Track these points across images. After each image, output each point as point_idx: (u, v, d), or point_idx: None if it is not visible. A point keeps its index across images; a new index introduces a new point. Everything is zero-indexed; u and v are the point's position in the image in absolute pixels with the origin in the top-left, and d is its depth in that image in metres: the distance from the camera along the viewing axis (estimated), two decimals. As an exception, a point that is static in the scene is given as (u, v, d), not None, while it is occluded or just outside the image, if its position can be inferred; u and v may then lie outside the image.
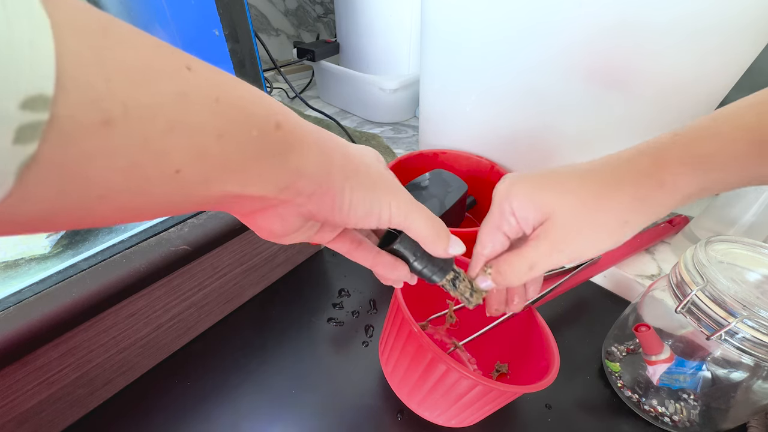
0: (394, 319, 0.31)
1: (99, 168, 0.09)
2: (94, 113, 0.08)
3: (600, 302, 0.47)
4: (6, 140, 0.07)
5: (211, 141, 0.11)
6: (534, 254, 0.21)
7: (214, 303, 0.40)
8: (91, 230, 0.34)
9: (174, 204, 0.11)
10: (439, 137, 0.60)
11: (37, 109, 0.07)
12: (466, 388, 0.27)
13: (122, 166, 0.09)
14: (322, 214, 0.16)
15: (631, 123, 0.41)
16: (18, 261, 0.31)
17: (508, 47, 0.43)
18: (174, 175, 0.10)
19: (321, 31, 1.14)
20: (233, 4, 0.38)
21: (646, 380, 0.34)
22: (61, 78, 0.08)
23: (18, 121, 0.07)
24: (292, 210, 0.15)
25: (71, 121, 0.08)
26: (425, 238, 0.19)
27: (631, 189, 0.19)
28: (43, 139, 0.08)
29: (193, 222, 0.35)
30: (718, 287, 0.27)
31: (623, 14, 0.35)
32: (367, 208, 0.17)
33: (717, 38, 0.33)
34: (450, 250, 0.20)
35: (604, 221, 0.20)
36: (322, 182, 0.15)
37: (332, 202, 0.16)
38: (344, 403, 0.35)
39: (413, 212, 0.18)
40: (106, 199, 0.09)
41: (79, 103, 0.08)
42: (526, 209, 0.21)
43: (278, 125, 0.13)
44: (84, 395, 0.32)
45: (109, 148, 0.09)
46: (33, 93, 0.07)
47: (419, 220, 0.19)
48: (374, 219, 0.17)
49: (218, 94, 0.11)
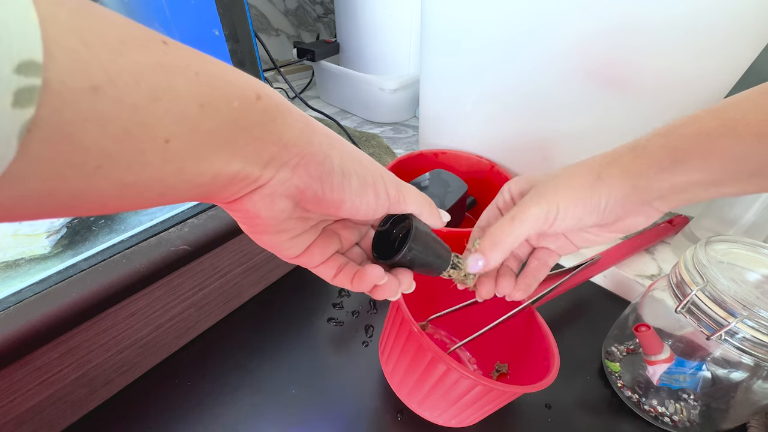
0: (394, 319, 0.31)
1: (94, 132, 0.09)
2: (81, 78, 0.09)
3: (600, 302, 0.47)
4: (5, 102, 0.08)
5: (194, 110, 0.11)
6: (515, 208, 0.22)
7: (214, 303, 0.40)
8: (91, 230, 0.34)
9: (169, 180, 0.12)
10: (439, 137, 0.60)
11: (31, 74, 0.08)
12: (466, 388, 0.27)
13: (114, 132, 0.10)
14: (312, 190, 0.15)
15: (631, 123, 0.41)
16: (18, 261, 0.31)
17: (508, 47, 0.43)
18: (164, 144, 0.11)
19: (321, 31, 1.14)
20: (233, 4, 0.38)
21: (646, 380, 0.34)
22: (48, 45, 0.08)
23: (15, 85, 0.08)
24: (279, 187, 0.15)
25: (62, 86, 0.09)
26: (422, 207, 0.20)
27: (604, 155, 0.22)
28: (40, 103, 0.08)
29: (193, 222, 0.35)
30: (718, 287, 0.27)
31: (623, 14, 0.35)
32: (362, 179, 0.17)
33: (717, 38, 0.33)
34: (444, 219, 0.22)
35: (579, 177, 0.21)
36: (305, 151, 0.15)
37: (319, 171, 0.15)
38: (344, 403, 0.35)
39: (404, 187, 0.19)
40: (104, 169, 0.10)
41: (66, 69, 0.09)
42: (517, 185, 0.24)
43: (258, 96, 0.13)
44: (84, 395, 0.32)
45: (100, 113, 0.09)
46: (25, 58, 0.08)
47: (412, 193, 0.20)
48: (371, 192, 0.17)
49: (197, 68, 0.12)
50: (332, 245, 0.20)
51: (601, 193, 0.20)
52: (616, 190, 0.20)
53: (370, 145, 0.74)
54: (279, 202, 0.15)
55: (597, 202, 0.20)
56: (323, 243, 0.19)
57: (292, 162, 0.15)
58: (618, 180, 0.20)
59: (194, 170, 0.12)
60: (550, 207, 0.21)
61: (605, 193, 0.20)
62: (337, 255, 0.20)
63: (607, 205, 0.20)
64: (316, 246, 0.19)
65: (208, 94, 0.12)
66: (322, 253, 0.19)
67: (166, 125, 0.11)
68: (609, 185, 0.20)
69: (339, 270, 0.20)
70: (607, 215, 0.21)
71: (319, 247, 0.19)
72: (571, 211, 0.21)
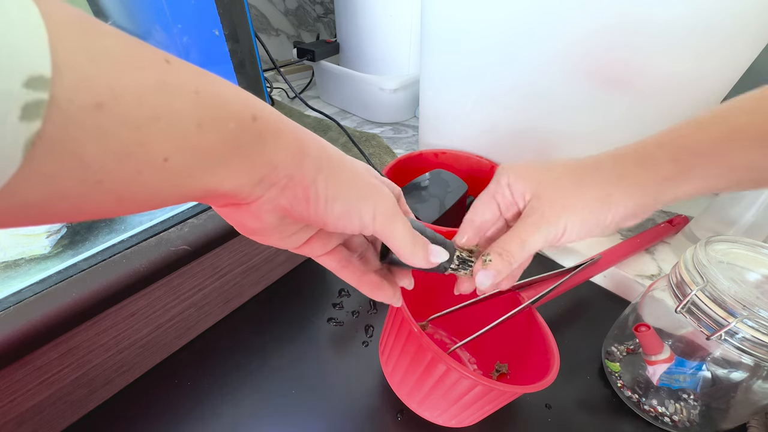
0: (394, 319, 0.31)
1: (96, 150, 0.09)
2: (87, 95, 0.09)
3: (600, 302, 0.47)
4: (14, 116, 0.08)
5: (192, 130, 0.11)
6: (522, 230, 0.21)
7: (214, 303, 0.40)
8: (91, 230, 0.34)
9: (164, 195, 0.12)
10: (439, 137, 0.60)
11: (39, 89, 0.08)
12: (466, 388, 0.27)
13: (115, 150, 0.10)
14: (297, 211, 0.16)
15: (631, 123, 0.41)
16: (18, 261, 0.31)
17: (508, 47, 0.43)
18: (162, 163, 0.11)
19: (321, 31, 1.14)
20: (233, 4, 0.38)
21: (646, 380, 0.34)
22: (56, 61, 0.08)
23: (24, 99, 0.08)
24: (266, 205, 0.15)
25: (68, 102, 0.09)
26: (402, 248, 0.19)
27: (612, 166, 0.21)
28: (46, 117, 0.08)
29: (193, 222, 0.35)
30: (718, 287, 0.27)
31: (623, 14, 0.35)
32: (345, 206, 0.16)
33: (717, 38, 0.33)
34: (432, 258, 0.20)
35: (587, 194, 0.21)
36: (294, 173, 0.15)
37: (305, 195, 0.15)
38: (344, 403, 0.35)
39: (397, 221, 0.18)
40: (103, 185, 0.10)
41: (74, 85, 0.09)
42: (520, 181, 0.23)
43: (254, 117, 0.13)
44: (84, 395, 0.32)
45: (104, 131, 0.09)
46: (34, 73, 0.08)
47: (402, 230, 0.18)
48: (355, 220, 0.17)
49: (197, 87, 0.12)
50: (333, 239, 0.20)
51: (608, 213, 0.21)
52: (623, 209, 0.20)
53: (370, 145, 0.74)
54: (266, 216, 0.16)
55: (603, 219, 0.21)
56: (324, 236, 0.20)
57: (281, 183, 0.15)
58: (628, 199, 0.20)
59: (189, 186, 0.12)
60: (557, 229, 0.21)
61: (612, 212, 0.21)
62: (340, 248, 0.21)
63: (612, 221, 0.21)
64: (317, 239, 0.19)
65: (207, 114, 0.12)
66: (323, 245, 0.20)
67: (165, 144, 0.11)
68: (617, 205, 0.20)
69: (343, 265, 0.20)
70: (611, 229, 0.21)
71: (320, 240, 0.19)
72: (577, 230, 0.21)
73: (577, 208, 0.21)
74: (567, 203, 0.21)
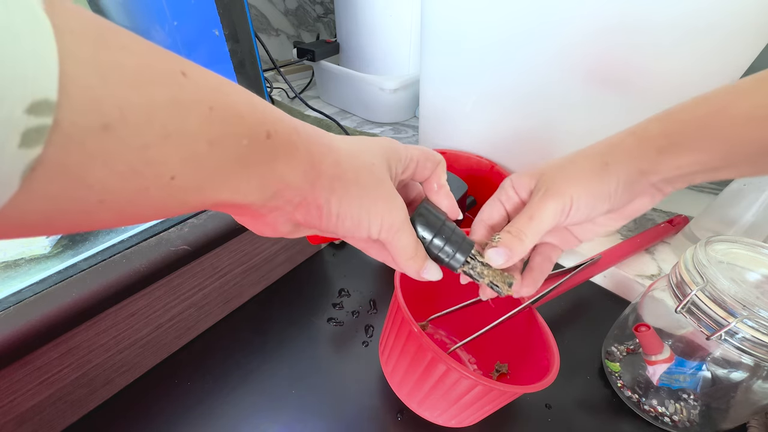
0: (394, 319, 0.31)
1: (99, 172, 0.09)
2: (94, 117, 0.08)
3: (600, 302, 0.47)
4: (12, 144, 0.07)
5: (203, 148, 0.11)
6: (529, 207, 0.22)
7: (214, 303, 0.40)
8: (91, 230, 0.34)
9: (169, 210, 0.12)
10: (439, 137, 0.59)
11: (42, 114, 0.07)
12: (466, 388, 0.27)
13: (121, 171, 0.09)
14: (309, 223, 0.16)
15: (631, 122, 0.41)
16: (18, 261, 0.31)
17: (508, 47, 0.43)
18: (169, 181, 0.11)
19: (321, 31, 1.14)
20: (233, 4, 0.38)
21: (646, 380, 0.34)
22: (64, 83, 0.08)
23: (24, 126, 0.07)
24: (282, 216, 0.16)
25: (73, 126, 0.08)
26: (398, 257, 0.19)
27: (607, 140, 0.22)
28: (47, 142, 0.08)
29: (193, 222, 0.35)
30: (718, 287, 0.27)
31: (623, 14, 0.35)
32: (356, 220, 0.17)
33: (717, 38, 0.33)
34: (423, 273, 0.20)
35: (586, 166, 0.21)
36: (306, 194, 0.15)
37: (318, 213, 0.16)
38: (344, 403, 0.35)
39: (403, 231, 0.19)
40: (105, 203, 0.10)
41: (80, 107, 0.08)
42: (522, 178, 0.23)
43: (269, 134, 0.13)
44: (84, 395, 0.32)
45: (109, 152, 0.09)
46: (38, 98, 0.07)
47: (404, 242, 0.19)
48: (364, 231, 0.18)
49: (212, 102, 0.11)
50: None
51: (610, 180, 0.20)
52: (623, 175, 0.20)
53: (370, 145, 0.74)
54: (281, 226, 0.16)
55: (607, 188, 0.21)
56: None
57: (295, 201, 0.15)
58: (624, 165, 0.20)
59: (197, 200, 0.12)
60: (564, 200, 0.21)
61: (614, 179, 0.20)
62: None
63: (617, 190, 0.21)
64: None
65: (219, 132, 0.11)
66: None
67: (174, 163, 0.10)
68: (616, 171, 0.20)
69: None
70: (617, 200, 0.21)
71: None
72: (584, 201, 0.21)
73: (579, 178, 0.21)
74: (568, 175, 0.21)
